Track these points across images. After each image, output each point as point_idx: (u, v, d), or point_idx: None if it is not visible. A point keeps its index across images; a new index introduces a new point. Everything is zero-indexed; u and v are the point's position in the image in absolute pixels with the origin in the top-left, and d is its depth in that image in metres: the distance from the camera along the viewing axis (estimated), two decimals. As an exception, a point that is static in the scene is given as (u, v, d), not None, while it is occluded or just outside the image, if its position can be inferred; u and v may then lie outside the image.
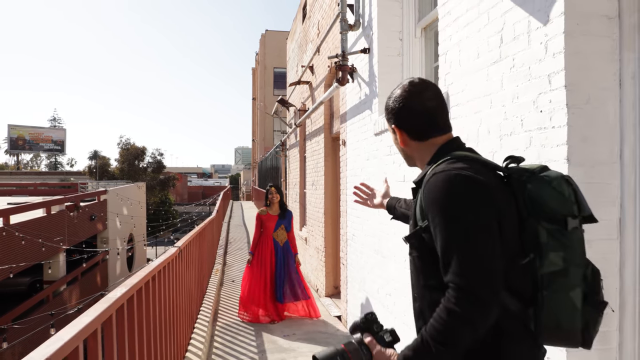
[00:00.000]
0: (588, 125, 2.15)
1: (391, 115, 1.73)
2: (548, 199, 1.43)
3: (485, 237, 1.38)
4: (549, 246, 1.41)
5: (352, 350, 1.55)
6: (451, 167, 1.49)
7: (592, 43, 2.16)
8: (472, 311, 1.33)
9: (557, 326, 1.41)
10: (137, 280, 2.70)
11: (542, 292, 1.41)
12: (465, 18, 3.05)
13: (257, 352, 5.42)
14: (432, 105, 1.66)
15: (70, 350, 1.62)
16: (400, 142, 1.73)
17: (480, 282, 1.34)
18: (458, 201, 1.42)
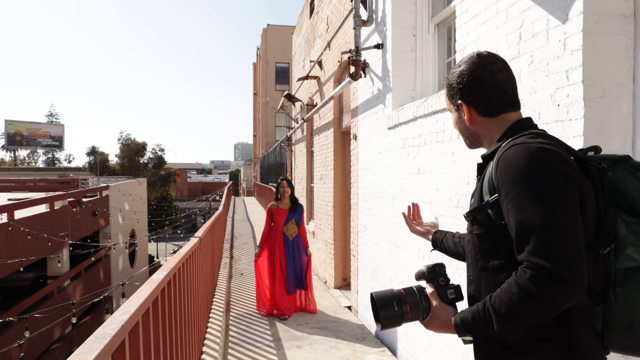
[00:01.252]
0: (603, 118, 2.29)
1: (456, 90, 1.60)
2: (631, 189, 1.34)
3: (571, 217, 1.27)
4: (627, 240, 1.32)
5: (411, 296, 1.52)
6: (533, 141, 1.38)
7: (608, 41, 2.31)
8: (550, 294, 1.24)
9: (628, 327, 1.32)
10: (173, 264, 2.85)
11: (614, 288, 1.32)
12: (483, 15, 3.19)
13: (273, 340, 5.57)
14: (503, 78, 1.55)
15: (134, 323, 1.77)
16: (467, 120, 1.60)
17: (565, 264, 1.23)
18: (543, 175, 1.30)
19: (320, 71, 9.26)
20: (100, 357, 1.36)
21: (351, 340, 5.57)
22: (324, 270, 9.01)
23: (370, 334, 5.79)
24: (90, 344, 1.41)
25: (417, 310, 1.52)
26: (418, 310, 1.52)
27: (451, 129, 3.65)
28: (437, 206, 3.88)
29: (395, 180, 4.89)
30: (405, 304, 1.51)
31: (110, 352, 1.48)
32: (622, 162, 1.41)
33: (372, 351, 5.21)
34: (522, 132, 1.48)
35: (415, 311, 1.53)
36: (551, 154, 1.33)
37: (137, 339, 1.87)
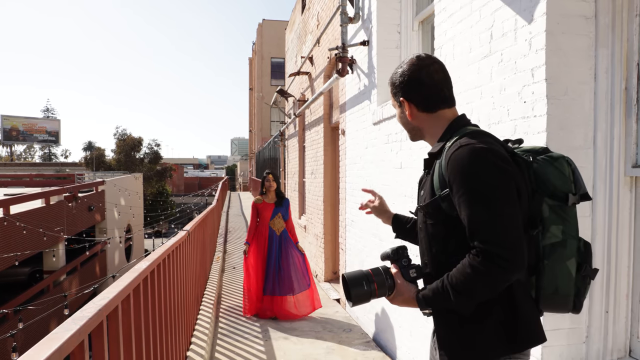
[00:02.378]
0: (565, 114, 2.40)
1: (399, 89, 1.78)
2: (551, 177, 1.58)
3: (511, 207, 1.49)
4: (550, 220, 1.57)
5: (377, 275, 1.72)
6: (475, 141, 1.57)
7: (571, 40, 2.41)
8: (497, 272, 1.46)
9: (555, 292, 1.57)
10: (157, 255, 2.95)
11: (543, 261, 1.57)
12: (459, 15, 3.29)
13: (261, 332, 5.69)
14: (439, 77, 1.74)
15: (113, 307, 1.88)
16: (408, 115, 1.78)
17: (508, 247, 1.45)
18: (486, 173, 1.50)
19: (311, 67, 9.35)
20: (75, 337, 1.46)
21: (337, 332, 5.69)
22: (314, 264, 9.12)
23: (357, 326, 5.91)
24: (68, 325, 1.51)
25: (383, 287, 1.72)
26: (384, 288, 1.72)
27: (430, 125, 3.76)
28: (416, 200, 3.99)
29: (380, 174, 5.00)
30: (373, 283, 1.71)
31: (87, 332, 1.58)
32: (543, 154, 1.64)
33: (356, 342, 5.33)
34: (460, 129, 1.70)
35: (382, 289, 1.72)
36: (492, 154, 1.54)
37: (117, 323, 1.97)
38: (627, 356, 2.52)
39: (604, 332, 2.50)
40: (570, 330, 2.50)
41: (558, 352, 2.50)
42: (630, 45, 2.37)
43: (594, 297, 2.49)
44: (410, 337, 4.24)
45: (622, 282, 2.49)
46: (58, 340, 1.41)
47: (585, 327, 2.52)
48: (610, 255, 2.47)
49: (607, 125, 2.42)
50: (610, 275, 2.48)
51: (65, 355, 1.43)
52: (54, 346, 1.37)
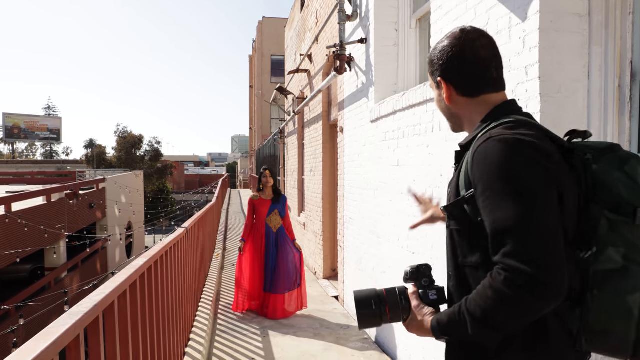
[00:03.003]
0: (559, 112, 2.42)
1: (437, 67, 1.49)
2: (617, 184, 1.23)
3: (551, 217, 1.18)
4: (608, 239, 1.22)
5: (391, 296, 1.50)
6: (511, 132, 1.28)
7: (564, 38, 2.43)
8: (527, 298, 1.15)
9: (604, 332, 1.22)
10: (155, 252, 2.98)
11: (592, 291, 1.22)
12: (454, 12, 3.30)
13: (259, 329, 5.72)
14: (486, 55, 1.45)
15: (109, 303, 1.90)
16: (446, 98, 1.49)
17: (543, 267, 1.13)
18: (520, 171, 1.21)
19: (310, 64, 9.37)
20: (71, 331, 1.48)
21: (336, 329, 5.72)
22: (313, 261, 9.15)
23: (355, 322, 5.93)
24: (64, 319, 1.54)
25: (396, 309, 1.49)
26: (398, 310, 1.49)
27: (427, 122, 3.78)
28: (414, 197, 4.01)
29: (377, 172, 5.02)
30: (385, 304, 1.49)
31: (82, 327, 1.61)
32: (610, 153, 1.29)
33: (354, 339, 5.35)
34: (503, 116, 1.39)
35: (395, 311, 1.49)
36: (529, 146, 1.24)
37: (113, 318, 2.00)
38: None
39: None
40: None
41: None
42: (623, 43, 2.38)
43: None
44: (408, 335, 4.25)
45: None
46: (54, 334, 1.43)
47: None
48: None
49: (601, 123, 2.44)
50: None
51: (61, 349, 1.46)
52: (49, 340, 1.39)
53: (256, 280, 6.41)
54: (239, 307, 6.40)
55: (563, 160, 1.30)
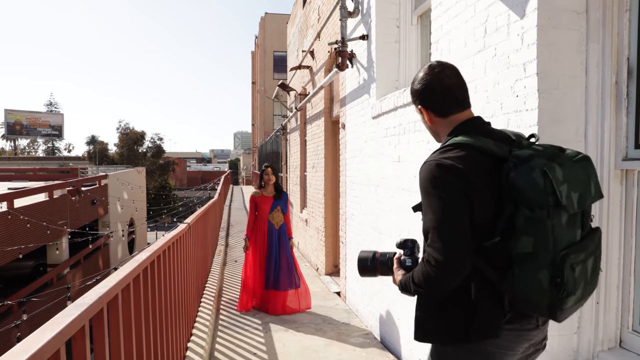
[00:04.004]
0: (557, 108, 2.45)
1: (416, 97, 1.92)
2: (525, 188, 1.58)
3: (453, 220, 1.64)
4: (522, 230, 1.59)
5: (382, 257, 2.06)
6: (437, 157, 1.72)
7: (562, 35, 2.45)
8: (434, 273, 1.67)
9: (526, 300, 1.61)
10: (157, 247, 3.01)
11: (514, 269, 1.61)
12: (454, 9, 3.33)
13: (261, 324, 5.76)
14: (451, 83, 1.85)
15: (114, 295, 1.94)
16: (428, 120, 1.92)
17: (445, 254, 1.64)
18: (435, 188, 1.67)
19: (312, 61, 9.39)
20: (77, 322, 1.52)
21: (337, 324, 5.75)
22: (315, 257, 9.19)
23: (356, 318, 5.97)
24: (69, 311, 1.57)
25: (385, 267, 2.05)
26: (385, 267, 2.04)
27: (427, 119, 3.81)
28: (414, 193, 4.04)
29: (378, 168, 5.05)
30: (377, 263, 2.07)
31: (87, 317, 1.64)
32: (525, 163, 1.62)
33: (356, 334, 5.40)
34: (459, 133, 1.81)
35: (383, 268, 2.05)
36: (444, 169, 1.67)
37: (117, 311, 2.04)
38: (618, 347, 2.57)
39: (595, 323, 2.55)
40: (562, 321, 2.55)
41: (549, 342, 2.54)
42: (620, 39, 2.40)
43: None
44: (408, 330, 4.29)
45: (612, 274, 2.53)
46: (60, 325, 1.46)
47: (576, 317, 2.57)
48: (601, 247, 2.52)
49: (598, 118, 2.46)
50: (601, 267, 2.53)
51: (67, 339, 1.49)
52: (55, 330, 1.43)
53: (257, 277, 6.42)
54: (243, 307, 6.37)
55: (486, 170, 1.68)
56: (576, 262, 1.59)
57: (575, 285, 1.59)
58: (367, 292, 5.58)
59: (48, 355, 1.34)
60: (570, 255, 1.58)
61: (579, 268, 1.60)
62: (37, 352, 1.27)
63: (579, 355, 2.55)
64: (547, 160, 1.59)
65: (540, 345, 1.84)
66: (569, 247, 1.60)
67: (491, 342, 1.71)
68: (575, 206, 1.60)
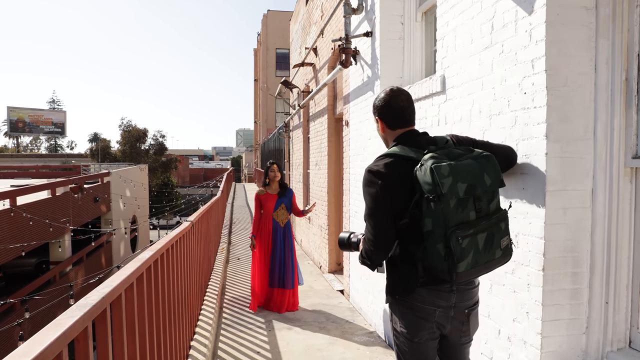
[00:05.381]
0: (565, 105, 2.41)
1: (376, 110, 2.46)
2: (422, 182, 2.08)
3: (380, 211, 2.22)
4: (426, 213, 2.09)
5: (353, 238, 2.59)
6: (371, 165, 2.29)
7: (571, 31, 2.41)
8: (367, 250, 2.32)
9: (434, 266, 2.13)
10: (161, 245, 2.99)
11: (424, 242, 2.13)
12: (461, 6, 3.29)
13: (264, 322, 5.74)
14: (403, 105, 2.39)
15: (117, 295, 1.91)
16: (380, 129, 2.48)
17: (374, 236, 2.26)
18: (367, 188, 2.26)
19: (316, 58, 9.34)
20: (80, 323, 1.49)
21: (341, 323, 5.73)
22: (319, 255, 9.16)
23: (360, 316, 5.95)
24: (72, 311, 1.55)
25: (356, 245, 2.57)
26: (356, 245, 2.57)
27: (432, 116, 3.77)
28: (419, 191, 4.01)
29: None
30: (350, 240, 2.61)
31: (90, 319, 1.62)
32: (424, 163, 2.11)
33: (359, 332, 5.37)
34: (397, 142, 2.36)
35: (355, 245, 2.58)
36: (373, 174, 2.24)
37: (120, 311, 2.01)
38: (627, 347, 2.54)
39: (604, 323, 2.52)
40: (570, 321, 2.52)
41: (558, 342, 2.52)
42: (630, 36, 2.36)
43: (593, 288, 2.51)
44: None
45: (622, 273, 2.50)
46: (62, 326, 1.44)
47: (585, 317, 2.54)
48: (610, 246, 2.48)
49: (608, 116, 2.42)
50: (610, 266, 2.49)
51: (70, 340, 1.47)
52: (58, 331, 1.40)
53: (263, 275, 6.41)
54: (253, 306, 6.34)
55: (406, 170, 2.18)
56: (463, 236, 2.04)
57: (463, 253, 2.05)
58: (370, 290, 5.55)
59: (51, 357, 1.31)
60: (457, 231, 2.04)
61: (467, 240, 2.05)
62: (40, 355, 1.24)
63: (587, 356, 2.52)
64: (436, 161, 2.09)
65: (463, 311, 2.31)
66: (459, 224, 2.06)
67: (414, 297, 2.26)
68: (460, 193, 2.05)
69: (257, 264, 6.45)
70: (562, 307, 2.49)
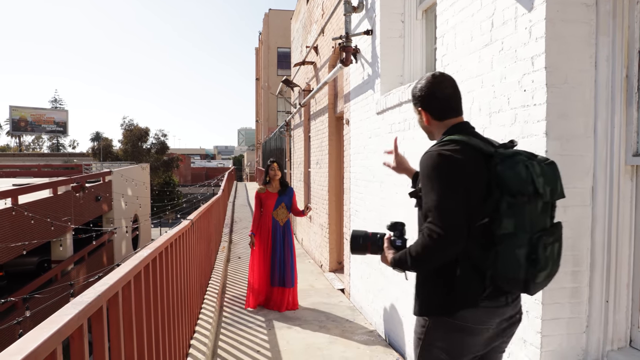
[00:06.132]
0: (565, 103, 2.40)
1: (418, 100, 2.20)
2: (508, 179, 1.85)
3: (451, 201, 1.89)
4: (505, 214, 1.85)
5: (373, 237, 2.24)
6: (437, 148, 1.99)
7: (571, 28, 2.40)
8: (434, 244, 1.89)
9: (505, 274, 1.87)
10: (159, 244, 2.98)
11: (497, 247, 1.87)
12: (460, 3, 3.27)
13: (264, 321, 5.73)
14: (449, 93, 2.14)
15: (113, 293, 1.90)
16: (425, 122, 2.21)
17: (443, 228, 1.87)
18: (435, 173, 1.93)
19: (316, 57, 9.33)
20: (74, 321, 1.48)
21: (341, 322, 5.72)
22: (319, 254, 9.15)
23: (360, 315, 5.94)
24: (67, 309, 1.54)
25: (375, 246, 2.24)
26: (376, 246, 2.24)
27: (432, 114, 3.76)
28: (419, 189, 4.00)
29: (383, 164, 4.99)
30: (368, 241, 2.25)
31: (86, 316, 1.61)
32: (509, 158, 1.91)
33: (360, 331, 5.36)
34: (452, 133, 2.08)
35: (374, 246, 2.24)
36: (444, 158, 1.94)
37: (117, 309, 2.00)
38: (628, 346, 2.52)
39: (604, 322, 2.51)
40: (570, 320, 2.51)
41: (558, 341, 2.51)
42: (631, 32, 2.35)
43: (594, 287, 2.50)
44: (412, 327, 4.24)
45: (622, 272, 2.48)
46: (57, 324, 1.43)
47: (585, 316, 2.52)
48: (611, 244, 2.47)
49: (608, 113, 2.41)
50: (611, 265, 2.48)
51: (64, 338, 1.46)
52: (52, 329, 1.39)
53: (262, 274, 6.39)
54: (250, 304, 6.34)
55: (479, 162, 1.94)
56: (547, 243, 1.86)
57: (546, 262, 1.86)
58: (371, 290, 5.54)
59: (44, 355, 1.31)
60: (544, 237, 1.85)
61: (549, 249, 1.87)
62: (32, 352, 1.24)
63: (588, 355, 2.51)
64: (527, 158, 1.90)
65: (515, 319, 2.09)
66: (541, 231, 1.87)
67: (467, 318, 1.96)
68: (547, 196, 1.89)
69: (256, 262, 6.44)
70: (562, 305, 2.47)
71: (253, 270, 6.43)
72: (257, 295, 6.40)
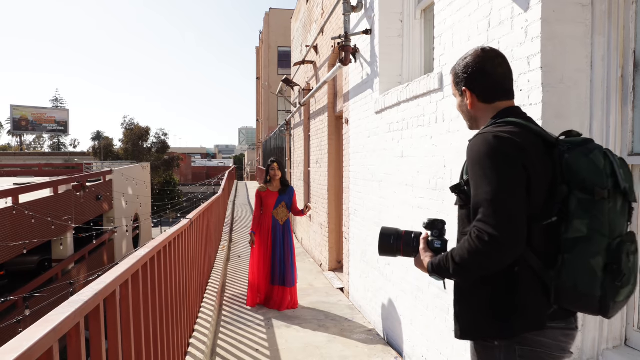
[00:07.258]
0: (561, 102, 2.41)
1: (462, 78, 1.84)
2: (582, 170, 1.52)
3: (509, 194, 1.53)
4: (575, 214, 1.50)
5: (407, 237, 1.93)
6: (493, 130, 1.65)
7: (567, 28, 2.41)
8: (488, 249, 1.52)
9: (574, 288, 1.50)
10: (158, 243, 2.99)
11: (563, 255, 1.52)
12: (458, 3, 3.29)
13: (264, 320, 5.74)
14: (501, 71, 1.81)
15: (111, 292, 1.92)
16: (469, 104, 1.85)
17: (500, 229, 1.51)
18: (491, 160, 1.57)
19: (316, 56, 9.34)
20: (71, 319, 1.50)
21: (340, 321, 5.73)
22: (319, 253, 9.17)
23: (359, 314, 5.95)
24: (64, 307, 1.55)
25: (408, 248, 1.92)
26: (409, 248, 1.92)
27: (430, 114, 3.77)
28: (417, 189, 4.01)
29: (382, 163, 5.01)
30: (400, 241, 1.92)
31: (82, 315, 1.62)
32: (580, 146, 1.59)
33: (358, 331, 5.37)
34: (504, 117, 1.73)
35: (407, 248, 1.92)
36: (502, 142, 1.59)
37: (115, 307, 2.01)
38: (623, 345, 2.53)
39: (600, 321, 2.51)
40: (566, 318, 2.51)
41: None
42: (626, 32, 2.36)
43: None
44: (411, 326, 4.27)
45: (618, 270, 2.49)
46: (53, 322, 1.44)
47: (580, 315, 2.53)
48: (606, 243, 2.47)
49: (604, 113, 2.42)
50: (606, 264, 2.48)
51: (61, 336, 1.47)
52: (49, 327, 1.41)
53: (262, 273, 6.40)
54: (252, 302, 6.37)
55: (540, 150, 1.61)
56: (631, 252, 1.51)
57: (630, 275, 1.50)
58: (370, 289, 5.55)
59: (39, 353, 1.32)
60: (626, 242, 1.50)
61: (633, 258, 1.51)
62: (28, 350, 1.25)
63: (583, 354, 2.52)
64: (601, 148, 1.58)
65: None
66: (621, 236, 1.52)
67: (537, 341, 1.60)
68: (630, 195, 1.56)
69: (256, 261, 6.45)
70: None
71: (253, 268, 6.45)
72: (258, 293, 6.42)
